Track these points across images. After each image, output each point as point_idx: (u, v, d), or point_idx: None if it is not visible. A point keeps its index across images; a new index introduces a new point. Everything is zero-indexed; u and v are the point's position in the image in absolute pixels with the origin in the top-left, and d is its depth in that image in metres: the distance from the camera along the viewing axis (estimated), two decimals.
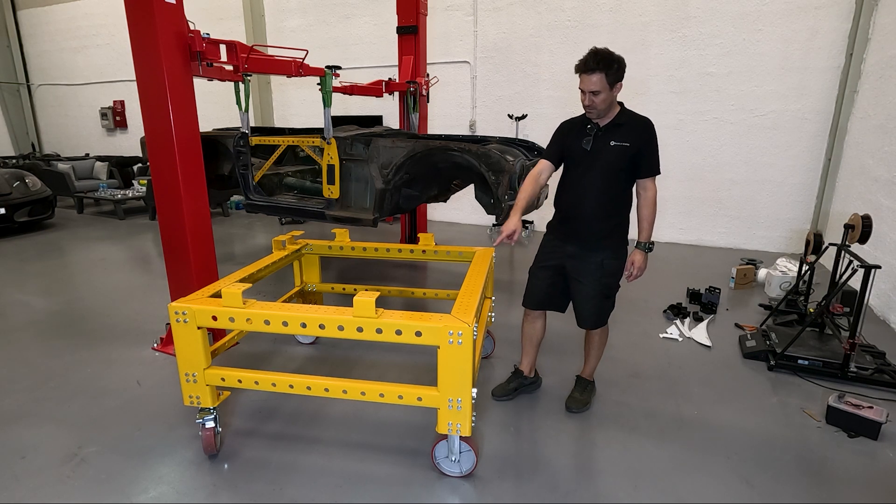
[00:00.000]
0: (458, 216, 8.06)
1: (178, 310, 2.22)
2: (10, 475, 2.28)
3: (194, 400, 2.35)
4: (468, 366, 2.06)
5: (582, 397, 2.83)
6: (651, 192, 2.53)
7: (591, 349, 2.83)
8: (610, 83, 2.32)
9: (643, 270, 2.56)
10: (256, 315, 2.18)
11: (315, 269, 3.62)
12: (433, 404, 2.16)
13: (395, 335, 2.08)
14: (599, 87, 2.32)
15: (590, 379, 2.91)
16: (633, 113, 2.50)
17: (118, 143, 11.14)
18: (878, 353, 3.35)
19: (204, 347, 2.29)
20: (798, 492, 2.22)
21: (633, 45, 6.41)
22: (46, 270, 5.40)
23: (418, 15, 5.59)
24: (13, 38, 11.55)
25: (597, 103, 2.36)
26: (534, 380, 3.02)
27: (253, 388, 2.33)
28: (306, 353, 3.53)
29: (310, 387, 2.28)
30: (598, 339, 2.79)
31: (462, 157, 3.79)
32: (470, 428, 2.16)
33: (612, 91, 2.34)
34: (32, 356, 3.45)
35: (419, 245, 3.39)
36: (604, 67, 2.28)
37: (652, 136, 2.48)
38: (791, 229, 6.25)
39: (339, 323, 2.11)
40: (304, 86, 8.50)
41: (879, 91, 4.86)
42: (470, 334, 2.02)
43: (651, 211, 2.52)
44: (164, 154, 3.15)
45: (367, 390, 2.23)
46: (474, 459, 2.27)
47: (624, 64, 2.34)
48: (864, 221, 3.27)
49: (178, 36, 3.02)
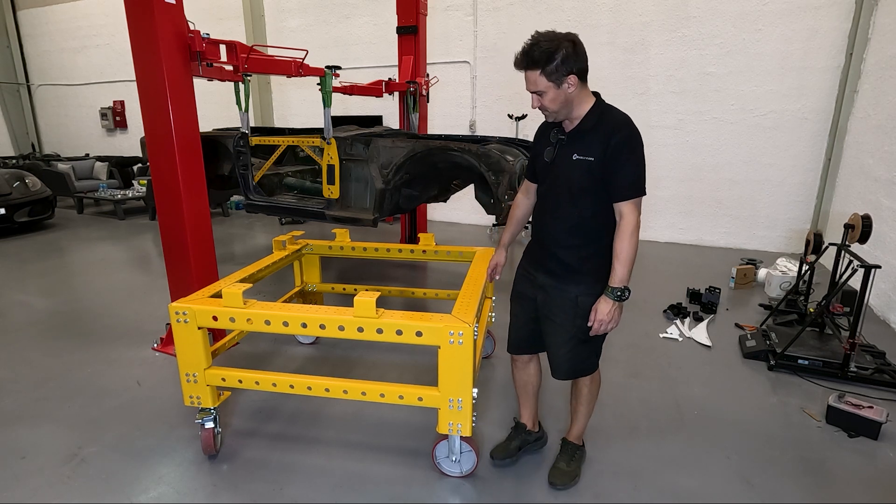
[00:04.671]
0: (458, 216, 8.06)
1: (178, 310, 2.22)
2: (10, 475, 2.28)
3: (195, 400, 2.35)
4: (469, 366, 2.06)
5: (569, 468, 2.26)
6: (627, 220, 1.81)
7: (578, 404, 2.24)
8: (554, 81, 1.75)
9: (608, 324, 1.88)
10: (257, 315, 2.18)
11: (315, 269, 3.62)
12: (434, 404, 2.15)
13: (395, 335, 2.08)
14: (541, 87, 1.77)
15: (578, 443, 2.34)
16: (607, 112, 1.85)
17: (118, 143, 11.14)
18: (878, 353, 3.35)
19: (204, 348, 2.29)
20: (798, 492, 2.22)
21: (633, 45, 6.42)
22: (46, 270, 5.40)
23: (418, 15, 5.59)
24: (13, 38, 11.55)
25: (546, 105, 1.82)
26: (539, 435, 2.48)
27: (254, 388, 2.33)
28: (306, 353, 3.54)
29: (310, 387, 2.28)
30: (587, 391, 2.19)
31: (462, 157, 3.79)
32: (471, 428, 2.16)
33: (560, 88, 1.76)
34: (32, 356, 3.45)
35: (419, 245, 3.39)
36: (536, 63, 1.73)
37: (625, 146, 1.78)
38: (791, 229, 6.25)
39: (339, 323, 2.11)
40: (304, 86, 8.49)
41: (879, 91, 4.86)
42: (471, 334, 2.01)
43: (626, 245, 1.81)
44: (164, 154, 3.15)
45: (368, 390, 2.23)
46: (475, 459, 2.27)
47: (573, 50, 1.71)
48: (864, 221, 3.27)
49: (178, 36, 3.02)
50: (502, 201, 3.64)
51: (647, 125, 6.56)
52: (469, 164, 3.78)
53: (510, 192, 3.61)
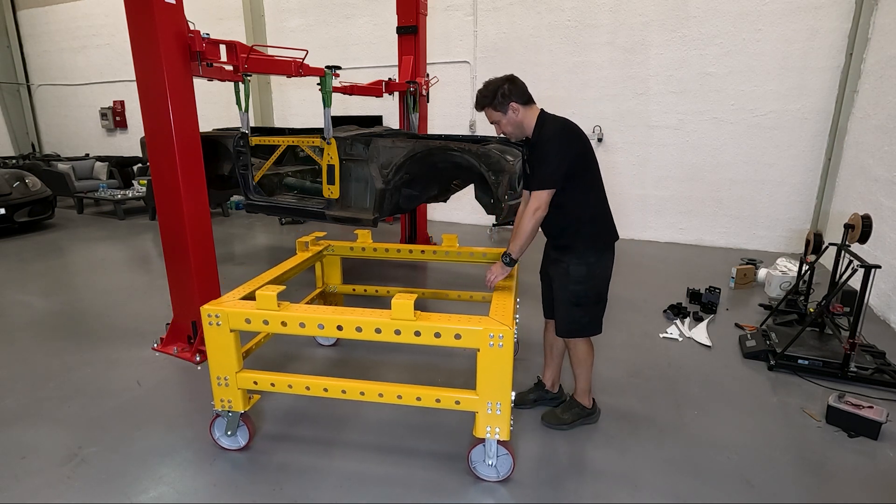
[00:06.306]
0: (458, 216, 8.06)
1: (210, 312, 2.19)
2: (10, 475, 2.28)
3: (226, 404, 2.33)
4: (509, 369, 2.02)
5: (562, 415, 2.65)
6: (530, 205, 2.31)
7: (574, 366, 2.63)
8: (500, 111, 2.32)
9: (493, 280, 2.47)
10: (292, 318, 2.15)
11: (336, 270, 3.57)
12: (472, 408, 2.12)
13: (433, 338, 2.04)
14: (495, 118, 2.36)
15: (581, 401, 2.67)
16: (544, 122, 2.34)
17: (118, 143, 11.14)
18: (878, 353, 3.35)
19: (236, 350, 2.27)
20: (798, 491, 2.22)
21: (633, 45, 6.42)
22: (46, 271, 5.40)
23: (418, 15, 5.58)
24: (13, 38, 11.55)
25: (504, 130, 2.39)
26: (556, 395, 2.84)
27: (286, 391, 2.30)
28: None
29: (345, 390, 2.24)
30: (576, 354, 2.58)
31: (462, 157, 3.78)
32: (508, 431, 2.12)
33: (506, 115, 2.32)
34: (32, 356, 3.45)
35: (442, 246, 3.35)
36: (485, 104, 2.34)
37: (542, 147, 2.30)
38: (791, 229, 6.25)
39: (376, 325, 2.08)
40: (304, 86, 8.50)
41: (879, 91, 4.86)
42: (511, 337, 1.99)
43: (524, 223, 2.32)
44: (164, 154, 3.15)
45: (404, 394, 2.19)
46: (512, 463, 2.22)
47: (508, 85, 2.29)
48: (864, 221, 3.26)
49: (178, 36, 3.02)
50: (502, 201, 3.64)
51: (648, 125, 6.56)
52: (469, 164, 3.78)
53: (510, 192, 3.60)
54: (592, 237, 2.42)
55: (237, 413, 2.37)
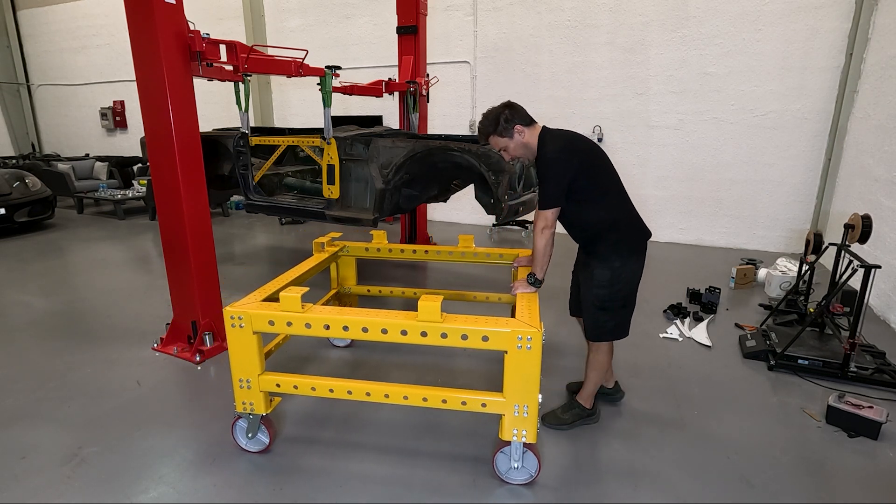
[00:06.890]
0: (458, 216, 8.06)
1: (233, 314, 2.17)
2: (10, 475, 2.28)
3: (247, 406, 2.31)
4: (536, 372, 2.00)
5: (562, 415, 2.66)
6: (538, 223, 2.36)
7: (587, 369, 2.64)
8: (506, 136, 2.38)
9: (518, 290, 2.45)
10: (316, 320, 2.13)
11: (351, 271, 3.55)
12: (498, 410, 2.10)
13: (460, 340, 2.02)
14: (502, 144, 2.43)
15: (583, 403, 2.66)
16: (545, 143, 2.36)
17: (118, 143, 11.14)
18: (878, 353, 3.35)
19: (259, 353, 2.25)
20: (798, 491, 2.22)
21: (633, 45, 6.42)
22: (46, 270, 5.40)
23: (418, 15, 5.59)
24: (13, 38, 11.55)
25: (513, 155, 2.46)
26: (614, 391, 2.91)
27: (309, 393, 2.29)
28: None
29: (369, 392, 2.23)
30: (595, 358, 2.59)
31: (462, 157, 3.78)
32: (535, 434, 2.11)
33: (513, 139, 2.39)
34: (32, 356, 3.45)
35: (458, 247, 3.32)
36: (489, 133, 2.41)
37: (545, 169, 2.32)
38: (791, 229, 6.25)
39: (402, 327, 2.06)
40: (304, 86, 8.50)
41: (879, 91, 4.86)
42: (539, 339, 1.96)
43: (536, 243, 2.36)
44: (164, 154, 3.15)
45: (430, 396, 2.17)
46: (538, 466, 2.20)
47: (508, 111, 2.36)
48: (864, 221, 3.26)
49: (178, 36, 3.02)
50: (502, 201, 3.64)
51: (647, 125, 6.56)
52: (469, 164, 3.78)
53: (510, 192, 3.60)
54: (616, 242, 2.42)
55: (258, 415, 2.35)
